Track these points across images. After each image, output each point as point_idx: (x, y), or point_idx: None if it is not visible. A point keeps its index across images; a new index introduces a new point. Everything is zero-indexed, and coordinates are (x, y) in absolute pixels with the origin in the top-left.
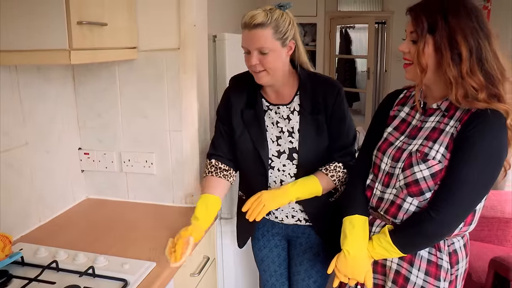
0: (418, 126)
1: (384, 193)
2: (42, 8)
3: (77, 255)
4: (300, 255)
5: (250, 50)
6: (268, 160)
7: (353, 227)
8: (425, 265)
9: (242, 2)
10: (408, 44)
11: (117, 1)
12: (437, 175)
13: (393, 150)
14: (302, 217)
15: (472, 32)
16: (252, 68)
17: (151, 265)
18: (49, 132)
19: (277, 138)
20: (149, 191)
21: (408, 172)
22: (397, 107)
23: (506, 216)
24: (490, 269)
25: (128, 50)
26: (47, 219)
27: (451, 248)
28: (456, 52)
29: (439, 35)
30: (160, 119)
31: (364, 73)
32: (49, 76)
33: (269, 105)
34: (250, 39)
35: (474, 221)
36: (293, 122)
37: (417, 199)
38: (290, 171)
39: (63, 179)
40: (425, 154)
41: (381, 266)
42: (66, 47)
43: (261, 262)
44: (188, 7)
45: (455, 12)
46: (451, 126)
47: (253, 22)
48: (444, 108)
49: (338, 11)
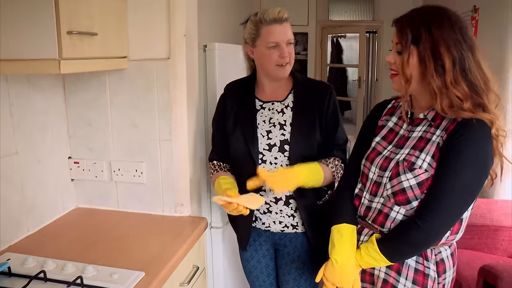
0: (405, 136)
1: (372, 202)
2: (32, 18)
3: (66, 265)
4: (288, 264)
5: (281, 43)
6: (258, 155)
7: (341, 236)
8: (412, 274)
9: (232, 12)
10: (394, 55)
11: (108, 11)
12: (424, 184)
13: (381, 160)
14: (289, 223)
15: (455, 43)
16: (283, 60)
17: (140, 275)
18: (39, 141)
19: (268, 132)
20: (139, 201)
21: (395, 181)
22: (385, 117)
23: (495, 224)
24: (480, 277)
25: (119, 60)
26: (36, 229)
27: (438, 257)
28: (440, 63)
29: (422, 46)
30: (150, 128)
31: (355, 82)
32: (40, 86)
33: (262, 103)
34: (283, 32)
35: (461, 230)
36: (286, 116)
37: (404, 208)
38: (282, 163)
39: (52, 188)
40: (411, 163)
41: (369, 275)
42: (56, 56)
43: (250, 274)
44: (178, 17)
45: (438, 24)
46: (437, 135)
47: (283, 16)
48: (430, 118)
49: (329, 20)
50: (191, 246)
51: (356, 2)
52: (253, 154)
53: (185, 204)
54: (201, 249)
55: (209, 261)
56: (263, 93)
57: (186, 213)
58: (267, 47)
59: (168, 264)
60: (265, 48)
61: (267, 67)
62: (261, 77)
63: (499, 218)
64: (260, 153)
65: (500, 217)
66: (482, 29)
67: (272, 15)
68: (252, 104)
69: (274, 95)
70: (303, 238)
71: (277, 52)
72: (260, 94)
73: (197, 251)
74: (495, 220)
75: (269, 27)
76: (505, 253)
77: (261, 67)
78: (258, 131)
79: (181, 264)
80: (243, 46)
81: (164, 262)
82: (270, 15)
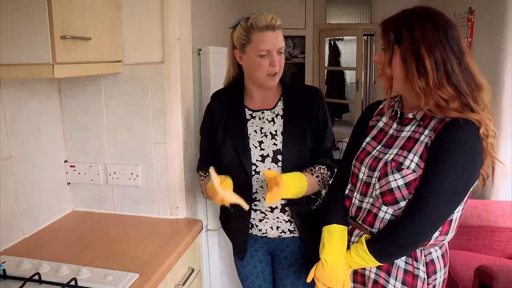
0: (394, 136)
1: (362, 202)
2: (26, 23)
3: (60, 267)
4: (286, 269)
5: (272, 51)
6: (251, 167)
7: (331, 236)
8: (402, 274)
9: (227, 16)
10: (380, 55)
11: (102, 16)
12: (411, 184)
13: (370, 160)
14: (286, 229)
15: (438, 45)
16: (273, 70)
17: (134, 276)
18: (34, 145)
19: (260, 143)
20: (135, 203)
21: (383, 181)
22: (376, 117)
23: (492, 225)
24: (476, 278)
25: (113, 64)
26: (31, 232)
27: (428, 258)
28: (421, 64)
29: (404, 47)
30: (145, 131)
31: (353, 84)
32: (34, 90)
33: (252, 112)
34: (275, 40)
35: (451, 231)
36: (277, 125)
37: (392, 208)
38: None
39: (48, 191)
40: (399, 164)
41: (360, 275)
42: (50, 61)
43: (245, 279)
44: (172, 21)
45: (421, 25)
46: (426, 135)
47: (275, 24)
48: (419, 117)
49: (327, 23)
50: (186, 248)
51: (353, 5)
52: (246, 165)
53: (180, 207)
54: (196, 251)
55: (205, 263)
56: (252, 101)
57: (182, 216)
58: (258, 54)
59: (162, 265)
60: (255, 56)
61: (256, 75)
62: (249, 85)
63: (495, 219)
64: (254, 165)
65: (497, 218)
66: (478, 30)
67: (265, 21)
68: (242, 114)
69: (264, 103)
70: (300, 242)
71: (268, 61)
72: (249, 102)
73: (193, 253)
74: (492, 221)
75: (261, 34)
76: (502, 254)
77: (250, 75)
78: (250, 142)
79: (176, 265)
80: (229, 51)
81: (159, 263)
82: (263, 22)
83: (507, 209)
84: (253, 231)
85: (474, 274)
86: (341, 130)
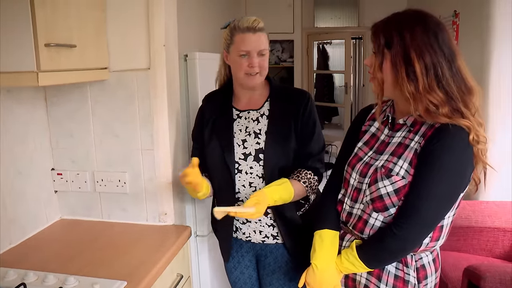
0: (386, 142)
1: (352, 208)
2: (9, 31)
3: (47, 277)
4: (270, 275)
5: (252, 52)
6: (234, 165)
7: (322, 241)
8: (392, 280)
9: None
10: (371, 58)
11: (86, 23)
12: (401, 191)
13: (361, 165)
14: (269, 233)
15: (428, 49)
16: (252, 70)
17: (121, 284)
18: (21, 152)
19: (243, 142)
20: (123, 210)
21: (373, 188)
22: (368, 122)
23: (480, 225)
24: (464, 278)
25: (99, 71)
26: (18, 241)
27: (419, 263)
28: (411, 68)
29: (394, 51)
30: (132, 138)
31: (342, 88)
32: (20, 97)
33: (239, 112)
34: (255, 42)
35: (442, 237)
36: (261, 125)
37: (382, 215)
38: (257, 172)
39: (35, 200)
40: (389, 170)
41: (351, 280)
42: (34, 69)
43: (234, 284)
44: (157, 27)
45: (411, 29)
46: (415, 141)
47: (257, 26)
48: (409, 123)
49: (315, 27)
50: (175, 254)
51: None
52: (229, 163)
53: (169, 213)
54: (185, 257)
55: (195, 270)
56: (240, 102)
57: (170, 222)
58: (238, 54)
59: (150, 272)
60: (236, 56)
61: (237, 75)
62: (235, 86)
63: (483, 219)
64: (236, 163)
65: (485, 219)
66: (463, 33)
67: (247, 23)
68: (229, 113)
69: (250, 103)
70: (283, 249)
71: (247, 62)
72: (237, 103)
73: (181, 259)
74: (480, 222)
75: (242, 35)
76: (490, 254)
77: (233, 74)
78: (235, 140)
79: (164, 272)
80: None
81: (147, 270)
82: (245, 23)
83: (495, 209)
84: (238, 235)
85: (462, 275)
86: (330, 133)
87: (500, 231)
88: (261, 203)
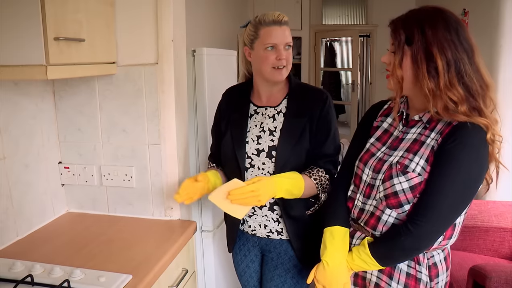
0: (399, 138)
1: (365, 204)
2: (19, 24)
3: (53, 269)
4: (271, 271)
5: (279, 45)
6: (245, 160)
7: (333, 238)
8: (404, 278)
9: (221, 18)
10: (389, 56)
11: (95, 17)
12: (416, 188)
13: (374, 161)
14: (274, 228)
15: (449, 45)
16: (280, 63)
17: (127, 278)
18: (28, 146)
19: (258, 138)
20: (129, 205)
21: (387, 184)
22: (380, 118)
23: (486, 225)
24: (469, 278)
25: (107, 65)
26: (25, 234)
27: (431, 261)
28: (433, 65)
29: (415, 47)
30: (139, 133)
31: (349, 85)
32: (28, 91)
33: (256, 108)
34: (282, 34)
35: (454, 235)
36: (277, 122)
37: (396, 211)
38: (269, 169)
39: (42, 193)
40: (405, 166)
41: (361, 278)
42: (43, 62)
43: (241, 276)
44: (166, 22)
45: (432, 24)
46: (432, 138)
47: (282, 19)
48: (425, 120)
49: (323, 24)
50: (180, 249)
51: (349, 6)
52: (239, 157)
53: (175, 208)
54: (190, 252)
55: (200, 265)
56: (259, 98)
57: (176, 217)
58: (265, 48)
59: (155, 267)
60: (262, 50)
61: (263, 69)
62: (257, 82)
63: (489, 219)
64: (249, 158)
65: (491, 218)
66: (472, 32)
67: (272, 17)
68: (246, 109)
69: (269, 100)
70: (287, 245)
71: (274, 54)
72: (256, 99)
73: (186, 254)
74: (486, 221)
75: (268, 29)
76: (496, 254)
77: (257, 70)
78: (249, 135)
79: (169, 267)
80: (240, 50)
81: (152, 265)
82: (270, 17)
83: (501, 209)
84: (245, 227)
85: (468, 274)
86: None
87: (506, 231)
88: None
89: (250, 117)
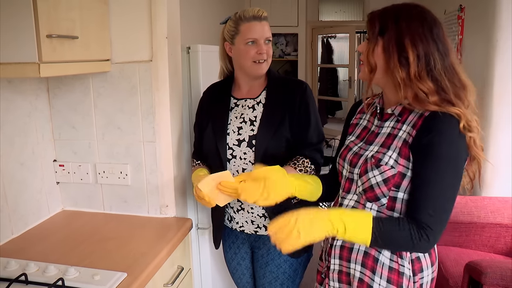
0: (375, 132)
1: (344, 199)
2: (11, 22)
3: (48, 267)
4: (263, 268)
5: (259, 40)
6: (226, 152)
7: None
8: (386, 272)
9: (216, 14)
10: (364, 45)
11: (89, 14)
12: (390, 180)
13: (351, 156)
14: (261, 224)
15: (421, 39)
16: (260, 57)
17: (122, 276)
18: (23, 144)
19: (239, 129)
20: (124, 202)
21: (364, 178)
22: (359, 115)
23: (482, 221)
24: (465, 274)
25: (101, 63)
26: (20, 232)
27: (414, 255)
28: (404, 55)
29: (388, 37)
30: (134, 130)
31: (346, 82)
32: (22, 89)
33: (236, 101)
34: (262, 29)
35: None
36: (256, 112)
37: (376, 204)
38: (250, 158)
39: (37, 191)
40: (378, 160)
41: (345, 274)
42: (36, 60)
43: (233, 274)
44: (160, 19)
45: (407, 18)
46: (404, 131)
47: (262, 15)
48: (397, 113)
49: (319, 21)
50: (175, 246)
51: (346, 2)
52: (220, 149)
53: (170, 205)
54: (186, 249)
55: (196, 262)
56: (239, 91)
57: (171, 214)
58: (246, 43)
59: (151, 264)
60: (243, 45)
61: (244, 63)
62: (238, 76)
63: (486, 215)
64: (230, 148)
65: (487, 214)
66: (468, 28)
67: (252, 12)
68: (226, 102)
69: (249, 92)
70: None
71: (255, 49)
72: (236, 92)
73: (182, 251)
74: (482, 217)
75: (248, 24)
76: (492, 250)
77: (238, 64)
78: (230, 127)
79: (164, 264)
80: (220, 46)
81: (147, 262)
82: (250, 13)
83: (497, 205)
84: (233, 224)
85: (463, 270)
86: (334, 128)
87: (502, 227)
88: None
89: (230, 110)
